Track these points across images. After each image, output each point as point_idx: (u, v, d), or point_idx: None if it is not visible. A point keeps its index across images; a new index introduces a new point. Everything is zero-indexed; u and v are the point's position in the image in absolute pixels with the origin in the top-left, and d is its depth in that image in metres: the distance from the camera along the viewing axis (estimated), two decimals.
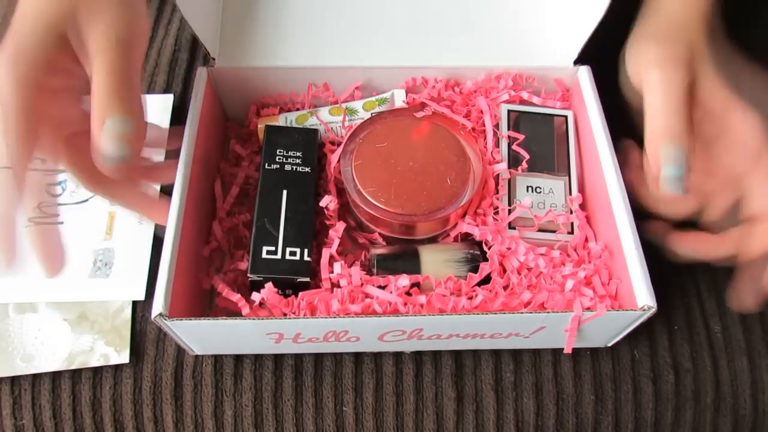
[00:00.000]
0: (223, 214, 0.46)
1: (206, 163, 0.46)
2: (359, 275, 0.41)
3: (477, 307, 0.40)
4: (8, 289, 0.45)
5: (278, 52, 0.49)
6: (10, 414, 0.42)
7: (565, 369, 0.43)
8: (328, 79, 0.50)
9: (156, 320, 0.36)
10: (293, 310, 0.40)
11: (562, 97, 0.50)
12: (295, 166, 0.45)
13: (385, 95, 0.50)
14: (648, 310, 0.37)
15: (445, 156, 0.44)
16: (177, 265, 0.38)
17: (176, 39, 0.55)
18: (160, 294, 0.36)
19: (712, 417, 0.43)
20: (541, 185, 0.46)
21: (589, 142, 0.46)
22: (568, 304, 0.40)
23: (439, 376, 0.43)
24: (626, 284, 0.39)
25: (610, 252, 0.42)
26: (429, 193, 0.43)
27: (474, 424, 0.42)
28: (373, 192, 0.43)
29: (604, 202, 0.42)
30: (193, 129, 0.43)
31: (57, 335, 0.43)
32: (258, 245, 0.41)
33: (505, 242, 0.43)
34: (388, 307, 0.40)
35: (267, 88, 0.50)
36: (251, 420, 0.42)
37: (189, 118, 0.43)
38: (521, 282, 0.42)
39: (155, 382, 0.42)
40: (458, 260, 0.43)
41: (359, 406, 0.42)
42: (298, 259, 0.41)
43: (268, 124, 0.48)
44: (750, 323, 0.44)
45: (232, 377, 0.42)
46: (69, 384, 0.42)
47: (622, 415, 0.42)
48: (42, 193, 0.46)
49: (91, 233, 0.47)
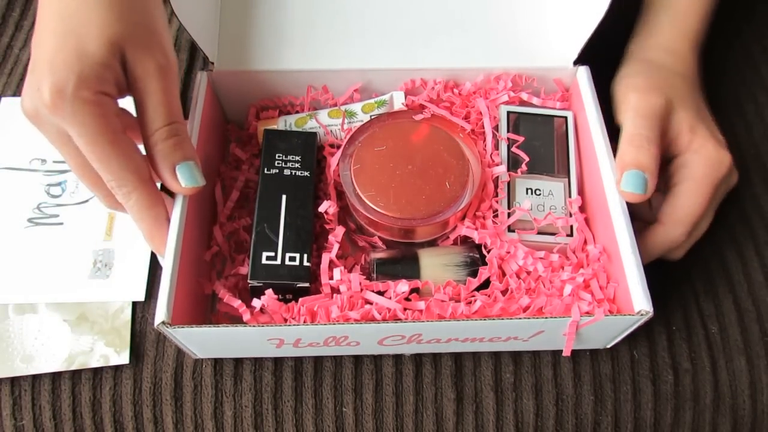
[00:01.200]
0: (223, 218, 0.46)
1: (207, 167, 0.46)
2: (359, 281, 0.41)
3: (476, 313, 0.40)
4: (8, 290, 0.45)
5: (277, 56, 0.49)
6: (10, 415, 0.42)
7: (565, 370, 0.43)
8: (327, 81, 0.50)
9: (159, 328, 0.36)
10: (293, 316, 0.40)
11: (562, 98, 0.50)
12: (294, 171, 0.45)
13: (384, 97, 0.50)
14: (645, 315, 0.37)
15: (444, 159, 0.44)
16: (179, 271, 0.38)
17: (176, 40, 0.55)
18: (163, 301, 0.36)
19: (711, 417, 0.43)
20: (540, 187, 0.46)
21: (587, 143, 0.46)
22: (566, 308, 0.40)
23: (438, 377, 0.43)
24: (623, 288, 0.39)
25: (608, 255, 0.42)
26: (428, 196, 0.43)
27: (474, 425, 0.42)
28: (372, 196, 0.43)
29: (602, 205, 0.42)
30: (194, 134, 0.43)
31: (57, 336, 0.43)
32: (258, 251, 0.41)
33: (504, 246, 0.43)
34: (387, 313, 0.40)
35: (266, 91, 0.50)
36: (251, 421, 0.42)
37: (190, 123, 0.43)
38: (520, 287, 0.42)
39: (155, 382, 0.42)
40: (457, 264, 0.43)
41: (359, 407, 0.42)
42: (298, 265, 0.41)
43: (267, 128, 0.48)
44: (747, 324, 0.44)
45: (231, 378, 0.42)
46: (69, 385, 0.42)
47: (621, 416, 0.42)
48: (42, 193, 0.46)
49: (91, 234, 0.47)
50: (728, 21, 0.56)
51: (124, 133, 0.36)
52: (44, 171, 0.50)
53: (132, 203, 0.37)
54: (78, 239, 0.47)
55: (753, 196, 0.50)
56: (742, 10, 0.59)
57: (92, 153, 0.35)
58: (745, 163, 0.51)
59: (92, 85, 0.34)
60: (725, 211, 0.48)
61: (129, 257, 0.46)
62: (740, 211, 0.49)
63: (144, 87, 0.36)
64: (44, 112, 0.34)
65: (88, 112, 0.34)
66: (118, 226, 0.48)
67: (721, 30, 0.52)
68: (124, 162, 0.36)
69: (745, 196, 0.49)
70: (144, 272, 0.45)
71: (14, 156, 0.50)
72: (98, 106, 0.34)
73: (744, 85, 0.55)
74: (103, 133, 0.35)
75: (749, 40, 0.58)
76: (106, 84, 0.35)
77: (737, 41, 0.58)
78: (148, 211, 0.38)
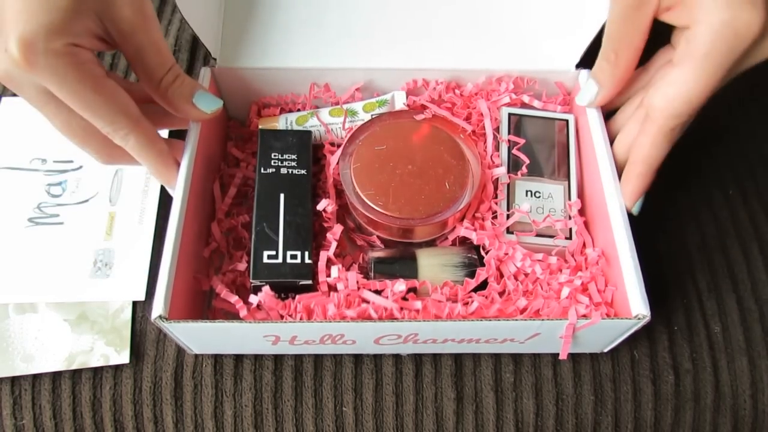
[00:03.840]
0: (221, 215, 0.46)
1: (208, 164, 0.46)
2: (356, 279, 0.41)
3: (472, 314, 0.40)
4: (8, 289, 0.45)
5: (279, 53, 0.49)
6: (11, 414, 0.42)
7: (565, 369, 0.43)
8: (329, 80, 0.50)
9: (156, 322, 0.36)
10: (290, 312, 0.40)
11: (563, 101, 0.50)
12: (290, 169, 0.45)
13: (386, 97, 0.50)
14: (642, 319, 0.36)
15: (444, 159, 0.44)
16: (177, 267, 0.38)
17: (176, 39, 0.55)
18: (160, 296, 0.36)
19: (712, 417, 0.43)
20: (540, 189, 0.46)
21: (587, 146, 0.46)
22: (563, 311, 0.40)
23: (438, 377, 0.43)
24: (621, 292, 0.39)
25: (607, 258, 0.42)
26: (427, 196, 0.43)
27: (474, 425, 0.42)
28: (371, 195, 0.43)
29: (601, 208, 0.42)
30: (195, 130, 0.43)
31: (57, 335, 0.43)
32: (259, 250, 0.41)
33: (502, 247, 0.43)
34: (383, 312, 0.40)
35: (268, 88, 0.50)
36: (251, 420, 0.42)
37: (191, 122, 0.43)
38: (517, 288, 0.42)
39: (155, 382, 0.42)
40: (455, 264, 0.43)
41: (359, 407, 0.42)
42: (300, 262, 0.41)
43: (262, 128, 0.48)
44: (750, 323, 0.44)
45: (232, 377, 0.42)
46: (69, 384, 0.42)
47: (621, 416, 0.42)
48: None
49: (91, 233, 0.47)
50: None
51: (106, 77, 0.36)
52: (44, 171, 0.50)
53: (132, 144, 0.37)
54: (78, 239, 0.47)
55: (758, 193, 0.49)
56: None
57: (78, 102, 0.35)
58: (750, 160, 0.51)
59: (63, 36, 0.33)
60: (730, 208, 0.49)
61: (129, 257, 0.46)
62: (746, 209, 0.49)
63: (135, 42, 0.36)
64: (17, 71, 0.33)
65: (64, 62, 0.33)
66: (118, 225, 0.48)
67: None
68: (113, 105, 0.36)
69: (751, 193, 0.49)
70: (144, 272, 0.45)
71: (14, 156, 0.50)
72: (73, 55, 0.34)
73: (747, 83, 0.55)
74: (84, 79, 0.34)
75: None
76: (78, 35, 0.34)
77: None
78: (149, 147, 0.38)
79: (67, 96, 0.34)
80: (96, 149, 0.39)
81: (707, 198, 0.49)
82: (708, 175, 0.50)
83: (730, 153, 0.52)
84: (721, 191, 0.50)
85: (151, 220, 0.48)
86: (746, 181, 0.50)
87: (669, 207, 0.49)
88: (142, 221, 0.48)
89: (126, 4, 0.35)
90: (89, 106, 0.35)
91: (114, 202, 0.49)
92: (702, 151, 0.52)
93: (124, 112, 0.36)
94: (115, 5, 0.35)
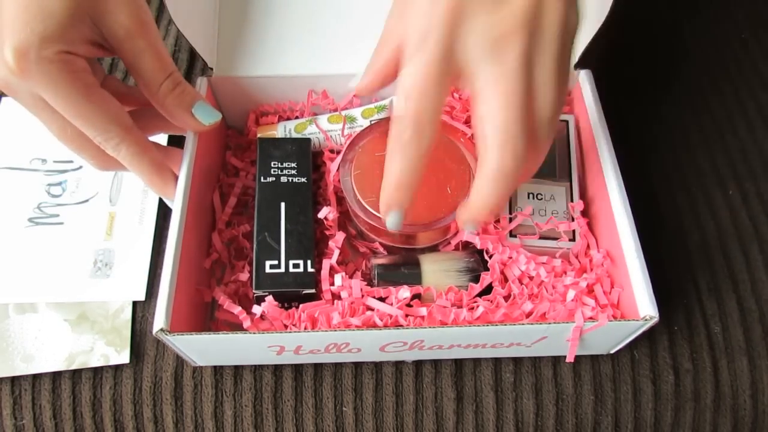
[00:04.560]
0: (222, 225, 0.46)
1: (207, 174, 0.46)
2: (360, 287, 0.41)
3: (478, 319, 0.40)
4: (8, 289, 0.45)
5: (276, 61, 0.49)
6: (11, 414, 0.42)
7: (565, 369, 0.43)
8: (327, 86, 0.50)
9: (157, 335, 0.36)
10: (294, 322, 0.40)
11: None
12: (290, 177, 0.45)
13: (384, 102, 0.50)
14: (650, 320, 0.36)
15: (445, 164, 0.44)
16: (178, 279, 0.38)
17: (176, 39, 0.55)
18: (162, 308, 0.36)
19: (712, 417, 0.43)
20: (542, 192, 0.46)
21: (590, 147, 0.46)
22: (569, 314, 0.40)
23: (438, 377, 0.43)
24: (628, 292, 0.39)
25: (612, 259, 0.42)
26: (429, 202, 0.42)
27: (474, 425, 0.42)
28: (372, 202, 0.42)
29: (605, 209, 0.42)
30: (193, 140, 0.43)
31: (57, 335, 0.43)
32: (261, 260, 0.41)
33: (506, 251, 0.43)
34: (388, 319, 0.40)
35: (266, 96, 0.50)
36: (251, 420, 0.42)
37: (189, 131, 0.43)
38: (522, 292, 0.42)
39: (155, 382, 0.42)
40: (459, 270, 0.43)
41: (359, 407, 0.42)
42: (302, 271, 0.41)
43: (260, 137, 0.48)
44: (750, 323, 0.44)
45: (232, 378, 0.42)
46: (69, 384, 0.42)
47: (621, 416, 0.42)
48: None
49: (91, 233, 0.47)
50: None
51: (98, 87, 0.36)
52: (45, 171, 0.50)
53: (124, 153, 0.37)
54: (78, 239, 0.47)
55: (758, 193, 0.49)
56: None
57: (70, 111, 0.35)
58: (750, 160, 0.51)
59: (57, 44, 0.33)
60: (730, 208, 0.48)
61: (129, 257, 0.46)
62: (746, 209, 0.49)
63: (132, 47, 0.36)
64: (12, 78, 0.33)
65: (56, 70, 0.33)
66: (118, 225, 0.48)
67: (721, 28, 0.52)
68: (104, 114, 0.36)
69: (751, 193, 0.49)
70: (144, 272, 0.45)
71: (14, 156, 0.50)
72: (65, 63, 0.34)
73: (746, 85, 0.55)
74: (76, 88, 0.34)
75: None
76: (72, 43, 0.34)
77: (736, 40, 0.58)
78: (141, 157, 0.38)
79: (58, 103, 0.34)
80: (91, 156, 0.39)
81: (707, 198, 0.49)
82: (708, 175, 0.50)
83: (730, 153, 0.52)
84: (721, 191, 0.50)
85: (151, 220, 0.47)
86: (746, 181, 0.50)
87: (669, 207, 0.49)
88: (142, 221, 0.47)
89: (121, 10, 0.35)
90: (80, 115, 0.35)
91: (114, 202, 0.49)
92: (702, 151, 0.52)
93: (116, 121, 0.36)
94: (110, 11, 0.35)
